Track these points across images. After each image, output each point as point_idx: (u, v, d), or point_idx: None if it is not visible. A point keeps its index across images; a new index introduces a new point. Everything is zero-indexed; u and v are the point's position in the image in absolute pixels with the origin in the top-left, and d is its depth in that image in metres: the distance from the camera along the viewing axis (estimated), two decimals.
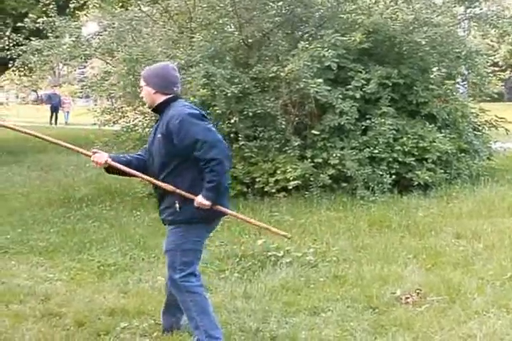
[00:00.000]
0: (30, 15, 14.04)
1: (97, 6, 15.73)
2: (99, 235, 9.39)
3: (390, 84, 12.18)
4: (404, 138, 11.92)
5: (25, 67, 19.67)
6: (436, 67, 12.25)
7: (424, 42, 11.94)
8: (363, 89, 11.84)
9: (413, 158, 11.83)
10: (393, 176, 11.62)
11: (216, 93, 11.44)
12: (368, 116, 12.03)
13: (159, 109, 5.36)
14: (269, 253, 7.84)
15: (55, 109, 40.85)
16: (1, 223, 10.48)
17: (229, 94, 11.34)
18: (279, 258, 7.72)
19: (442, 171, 12.06)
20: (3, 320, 5.96)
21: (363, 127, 11.98)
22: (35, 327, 5.78)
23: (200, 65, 11.43)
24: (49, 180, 15.13)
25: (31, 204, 12.01)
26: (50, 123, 39.62)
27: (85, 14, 23.45)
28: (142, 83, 5.41)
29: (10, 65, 16.98)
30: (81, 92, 17.61)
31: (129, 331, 5.67)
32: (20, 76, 27.20)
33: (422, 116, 12.54)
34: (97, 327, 5.78)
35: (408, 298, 6.44)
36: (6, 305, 6.41)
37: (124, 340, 5.50)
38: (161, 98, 5.32)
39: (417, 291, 6.59)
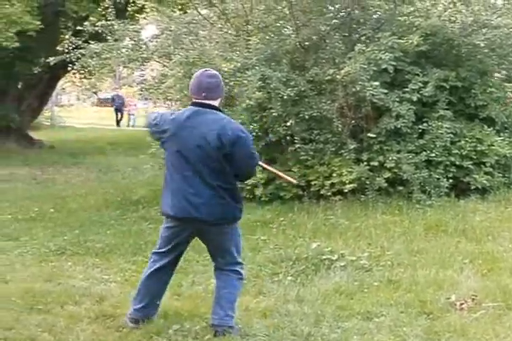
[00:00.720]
0: (91, 18, 14.21)
1: (154, 9, 15.85)
2: (154, 237, 9.35)
3: (448, 87, 12.02)
4: (462, 142, 11.77)
5: (85, 70, 19.94)
6: (496, 70, 12.09)
7: (483, 45, 11.76)
8: (420, 92, 11.70)
9: (471, 162, 11.66)
10: (450, 180, 11.49)
11: (272, 96, 11.47)
12: (424, 120, 11.89)
13: None
14: (323, 257, 7.84)
15: (118, 111, 41.32)
16: (59, 224, 10.66)
17: (285, 97, 11.35)
18: (333, 262, 7.71)
19: (501, 175, 11.90)
20: (59, 321, 6.03)
21: (420, 130, 11.84)
22: (89, 328, 5.85)
23: (257, 67, 11.45)
24: (107, 182, 15.31)
25: (88, 206, 12.18)
26: (117, 125, 40.15)
27: (144, 17, 23.63)
28: None
29: (70, 68, 17.19)
30: (140, 95, 17.75)
31: (181, 333, 5.69)
32: (80, 78, 27.61)
33: (481, 120, 12.35)
34: (149, 328, 5.80)
35: (463, 303, 6.37)
36: (61, 306, 6.49)
37: None
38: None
39: (472, 297, 6.51)
